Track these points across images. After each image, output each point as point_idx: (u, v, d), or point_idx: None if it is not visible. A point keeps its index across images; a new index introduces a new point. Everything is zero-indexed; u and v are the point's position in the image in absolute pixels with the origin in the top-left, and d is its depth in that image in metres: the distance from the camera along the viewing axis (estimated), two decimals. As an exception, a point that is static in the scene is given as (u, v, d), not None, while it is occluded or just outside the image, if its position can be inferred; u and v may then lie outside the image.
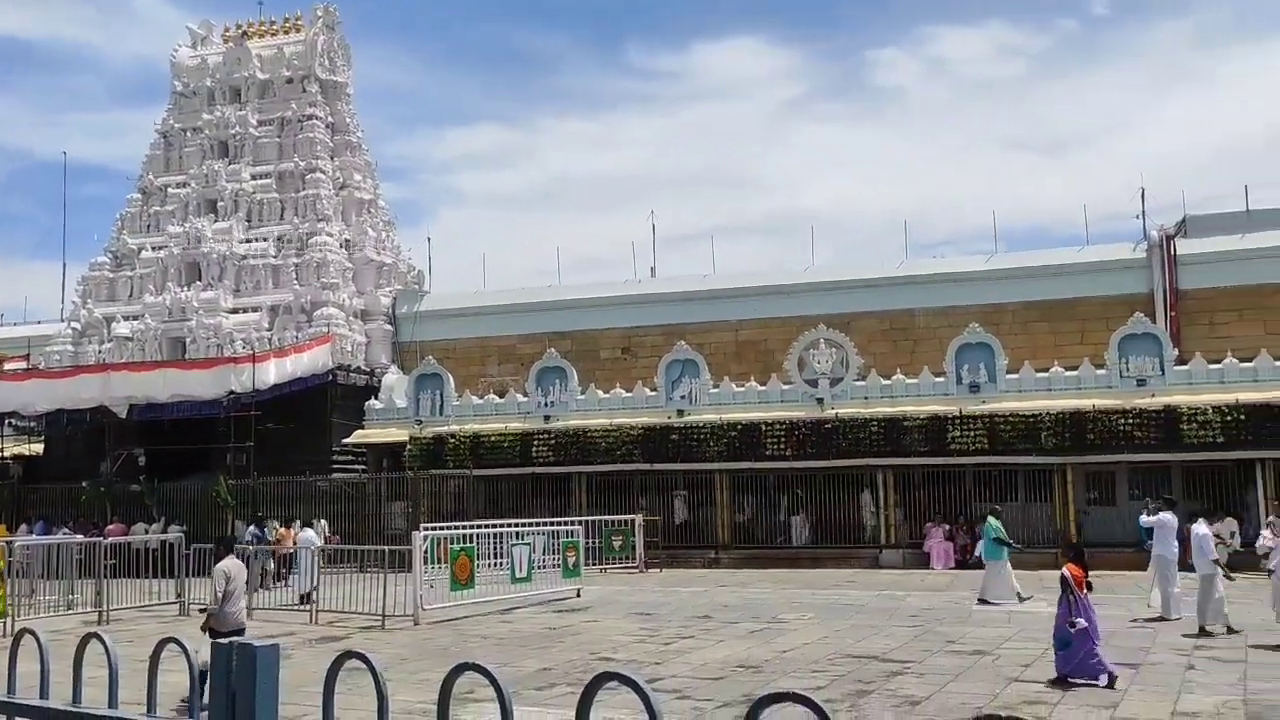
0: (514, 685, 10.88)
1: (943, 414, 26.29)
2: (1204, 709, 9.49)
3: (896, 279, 33.68)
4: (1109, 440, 24.86)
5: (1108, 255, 32.37)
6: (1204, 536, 14.57)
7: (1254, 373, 25.28)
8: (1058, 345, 30.26)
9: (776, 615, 16.82)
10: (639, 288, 36.94)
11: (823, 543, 27.56)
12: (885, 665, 12.01)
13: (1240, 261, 30.33)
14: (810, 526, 27.95)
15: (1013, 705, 9.78)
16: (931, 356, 29.17)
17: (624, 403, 30.17)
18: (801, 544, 27.64)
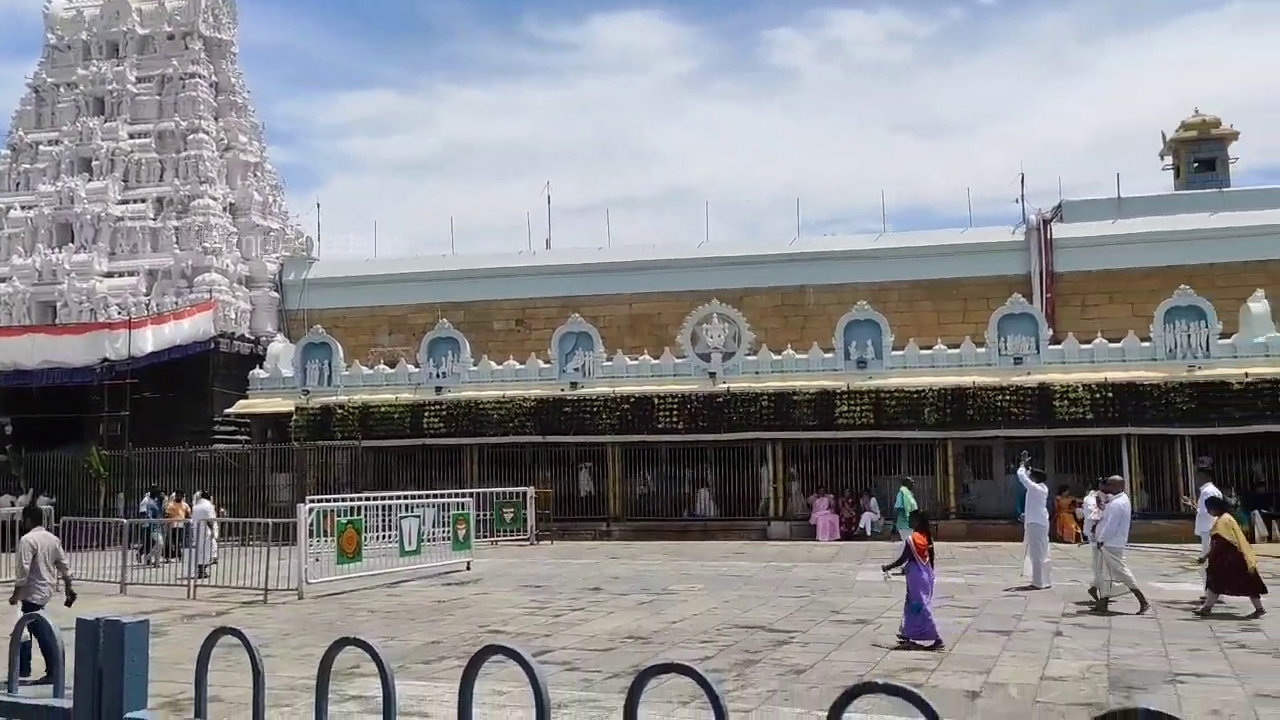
0: (400, 659, 10.79)
1: (831, 389, 26.84)
2: (1070, 673, 9.92)
3: (788, 256, 34.18)
4: (988, 416, 25.75)
5: (989, 238, 33.44)
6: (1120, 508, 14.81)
7: (1122, 353, 26.46)
8: (941, 323, 31.19)
9: (666, 587, 16.99)
10: (534, 259, 36.70)
11: (723, 515, 27.93)
12: (771, 635, 12.24)
13: (1111, 247, 31.68)
14: (715, 499, 28.24)
15: (893, 673, 10.07)
16: (821, 332, 29.73)
17: (517, 375, 29.98)
18: (708, 516, 27.91)
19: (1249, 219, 31.25)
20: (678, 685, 2.25)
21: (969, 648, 11.27)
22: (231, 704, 8.19)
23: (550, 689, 1.86)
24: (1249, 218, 31.30)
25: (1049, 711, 8.41)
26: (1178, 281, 27.51)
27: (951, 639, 11.76)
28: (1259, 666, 10.06)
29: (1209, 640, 11.55)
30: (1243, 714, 8.25)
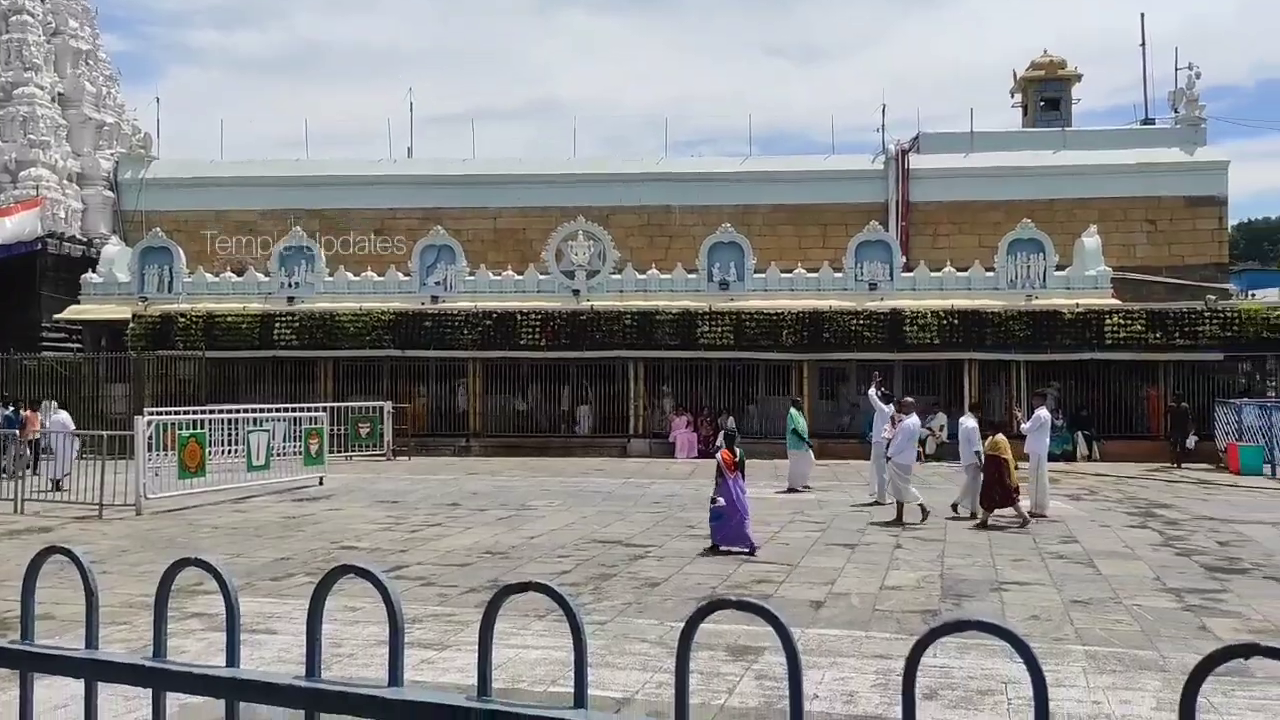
0: (247, 576, 10.55)
1: (694, 310, 27.15)
2: (907, 583, 10.47)
3: (656, 175, 34.16)
4: (842, 339, 26.54)
5: (850, 165, 34.15)
6: (971, 430, 15.60)
7: (968, 281, 27.58)
8: (802, 248, 31.85)
9: (525, 503, 17.07)
10: (394, 168, 35.65)
11: (585, 432, 28.08)
12: (628, 550, 12.47)
13: (963, 179, 32.82)
14: (594, 417, 28.24)
15: (744, 585, 10.42)
16: (686, 253, 29.96)
17: (375, 287, 29.25)
18: (587, 434, 27.95)
19: (1086, 158, 32.78)
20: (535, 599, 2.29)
21: (816, 560, 11.74)
22: (65, 621, 7.88)
23: (405, 604, 1.83)
24: (1087, 157, 32.83)
25: (886, 618, 8.86)
26: (1021, 215, 28.74)
27: (800, 552, 12.23)
28: (1074, 575, 10.81)
29: (1031, 551, 12.33)
30: (1058, 618, 8.87)
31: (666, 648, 7.68)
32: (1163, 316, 25.75)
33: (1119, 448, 25.38)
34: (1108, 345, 25.60)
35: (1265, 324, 25.53)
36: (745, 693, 6.71)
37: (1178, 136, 33.43)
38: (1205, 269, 31.96)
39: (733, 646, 7.64)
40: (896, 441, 15.31)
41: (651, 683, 6.92)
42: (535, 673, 7.12)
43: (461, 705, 1.66)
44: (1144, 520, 15.18)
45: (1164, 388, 26.11)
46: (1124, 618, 8.92)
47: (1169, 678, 7.00)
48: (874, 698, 6.63)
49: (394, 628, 1.74)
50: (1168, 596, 9.83)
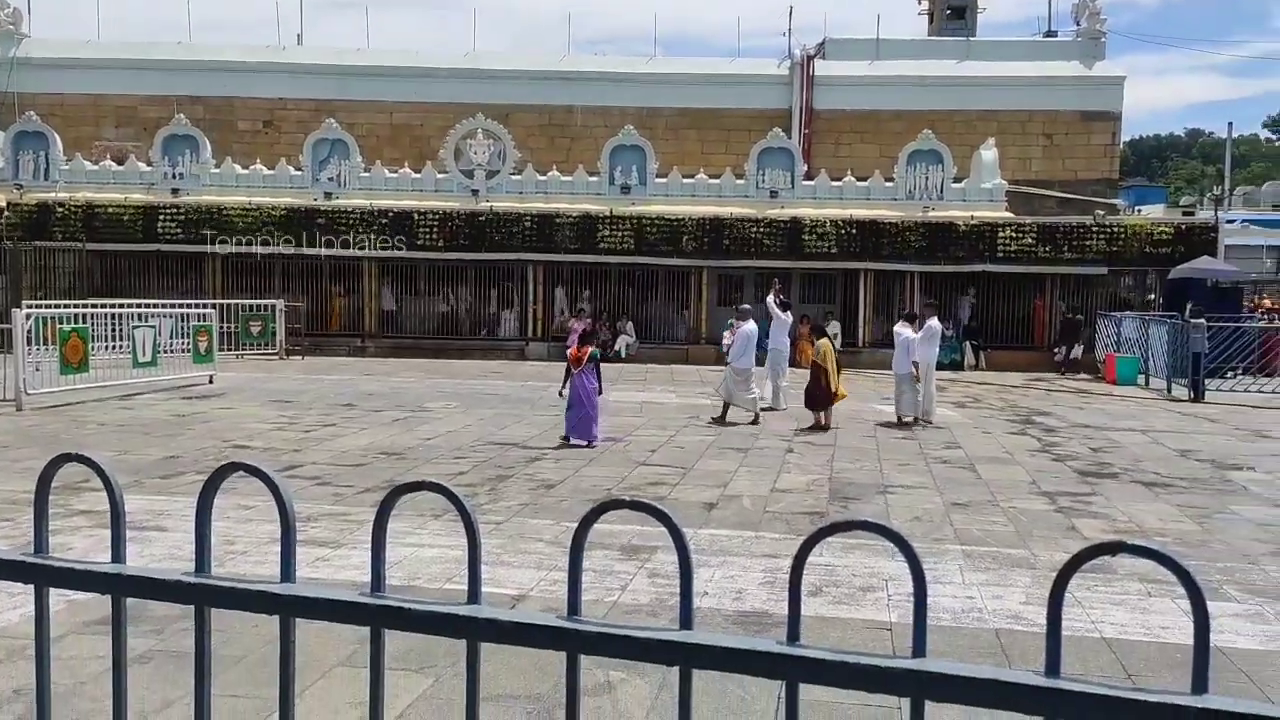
0: (135, 474, 10.30)
1: (595, 213, 26.92)
2: (797, 486, 10.79)
3: (558, 74, 33.42)
4: (742, 247, 26.69)
5: (755, 70, 33.89)
6: (908, 339, 16.00)
7: (868, 191, 27.90)
8: (704, 153, 31.68)
9: (422, 404, 16.96)
10: (284, 55, 34.10)
11: (483, 335, 27.86)
12: (525, 452, 12.54)
13: (866, 88, 32.90)
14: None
15: (638, 487, 10.60)
16: (588, 155, 29.55)
17: (265, 180, 28.20)
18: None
19: (989, 69, 33.13)
20: (433, 499, 2.30)
21: (710, 464, 11.98)
22: (-60, 521, 7.60)
23: (300, 503, 1.80)
24: (989, 68, 33.18)
25: (776, 519, 9.13)
26: (923, 126, 29.01)
27: (694, 456, 12.47)
28: (956, 479, 11.28)
29: (916, 456, 12.81)
30: (939, 519, 9.27)
31: (561, 547, 7.79)
32: (1052, 230, 26.53)
33: (1005, 358, 26.31)
34: (999, 258, 26.31)
35: (1148, 239, 26.53)
36: (637, 590, 6.87)
37: (1078, 50, 33.97)
38: (1096, 184, 32.88)
39: (626, 546, 7.79)
40: (735, 347, 15.97)
41: (546, 580, 7.03)
42: (431, 570, 7.16)
43: (354, 600, 1.66)
44: (1024, 427, 15.86)
45: (1050, 300, 27.04)
46: (1000, 519, 9.36)
47: (1038, 575, 7.40)
48: (762, 594, 6.86)
49: (285, 525, 1.72)
50: (1041, 499, 10.33)
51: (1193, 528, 9.21)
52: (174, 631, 5.64)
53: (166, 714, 4.71)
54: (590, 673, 5.03)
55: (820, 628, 6.04)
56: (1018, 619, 6.46)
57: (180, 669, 5.08)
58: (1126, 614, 6.54)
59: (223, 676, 4.95)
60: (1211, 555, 8.19)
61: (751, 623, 6.31)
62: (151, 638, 5.59)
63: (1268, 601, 6.97)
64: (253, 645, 5.45)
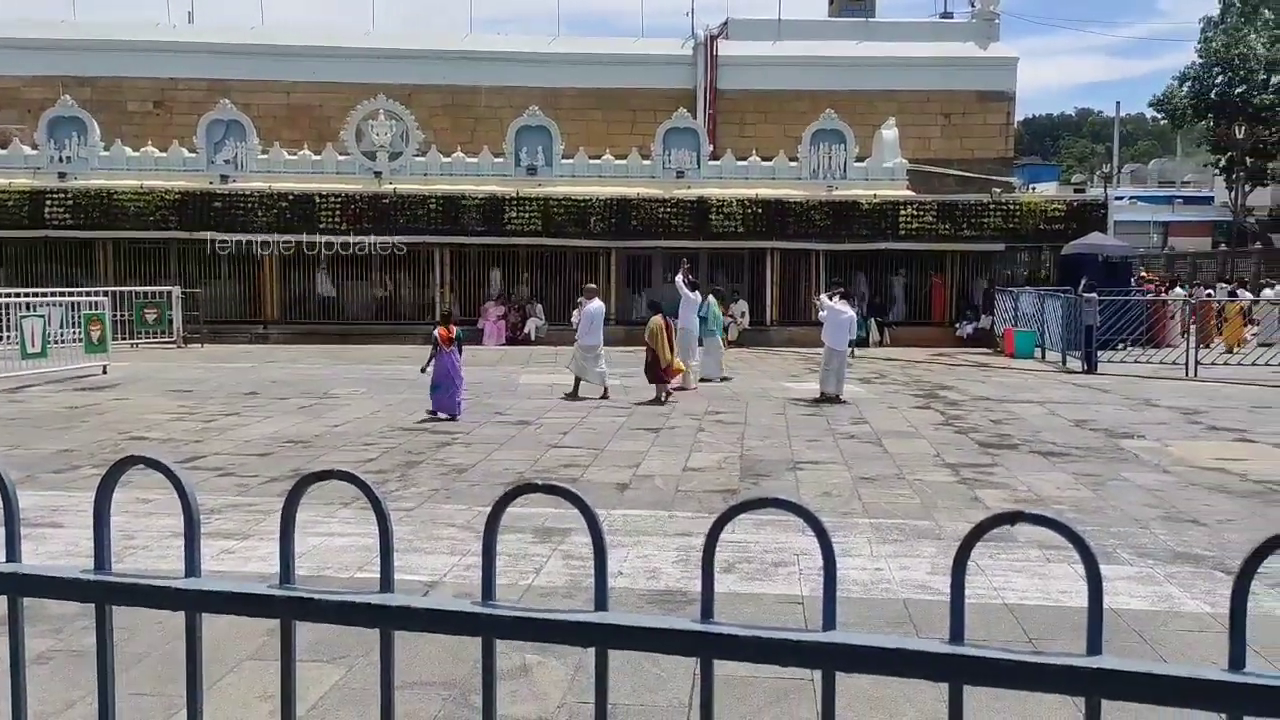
0: (27, 469, 9.92)
1: (501, 195, 26.68)
2: (709, 464, 10.89)
3: (461, 53, 32.99)
4: (650, 227, 26.75)
5: (659, 50, 33.94)
6: (850, 317, 16.53)
7: (773, 171, 28.18)
8: (610, 133, 31.62)
9: (328, 390, 16.65)
10: (175, 34, 32.98)
11: (387, 319, 27.40)
12: (435, 437, 12.41)
13: (770, 68, 33.20)
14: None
15: (551, 469, 10.58)
16: (493, 136, 29.24)
17: (158, 164, 27.26)
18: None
19: (888, 50, 33.72)
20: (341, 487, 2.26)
21: (622, 445, 12.02)
22: None
23: (202, 495, 1.75)
24: (888, 49, 33.77)
25: (689, 498, 9.22)
26: (825, 106, 29.39)
27: (606, 437, 12.50)
28: (863, 454, 11.52)
29: (825, 432, 13.04)
30: (848, 494, 9.46)
31: (474, 532, 7.75)
32: (952, 208, 27.18)
33: (909, 334, 26.92)
34: (901, 236, 26.87)
35: (1043, 216, 27.37)
36: (552, 572, 6.88)
37: (973, 32, 34.77)
38: (993, 162, 33.75)
39: (540, 529, 7.78)
40: (582, 324, 16.46)
41: (460, 565, 6.99)
42: (341, 559, 7.06)
43: (262, 593, 1.63)
44: (928, 401, 16.26)
45: (951, 277, 27.73)
46: (906, 491, 9.60)
47: (944, 545, 7.61)
48: (675, 573, 6.93)
49: (188, 518, 1.68)
50: (946, 471, 10.62)
51: (1088, 495, 9.56)
52: (74, 630, 5.45)
53: (68, 715, 4.56)
54: (506, 656, 5.02)
55: (734, 603, 6.13)
56: (924, 588, 6.64)
57: (81, 668, 4.92)
58: (1027, 580, 6.77)
59: (126, 675, 4.81)
60: (1105, 521, 8.52)
61: (666, 601, 6.36)
62: (50, 637, 5.40)
63: (1158, 564, 7.29)
64: (157, 642, 5.31)
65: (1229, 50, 46.20)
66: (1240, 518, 8.66)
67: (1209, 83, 46.99)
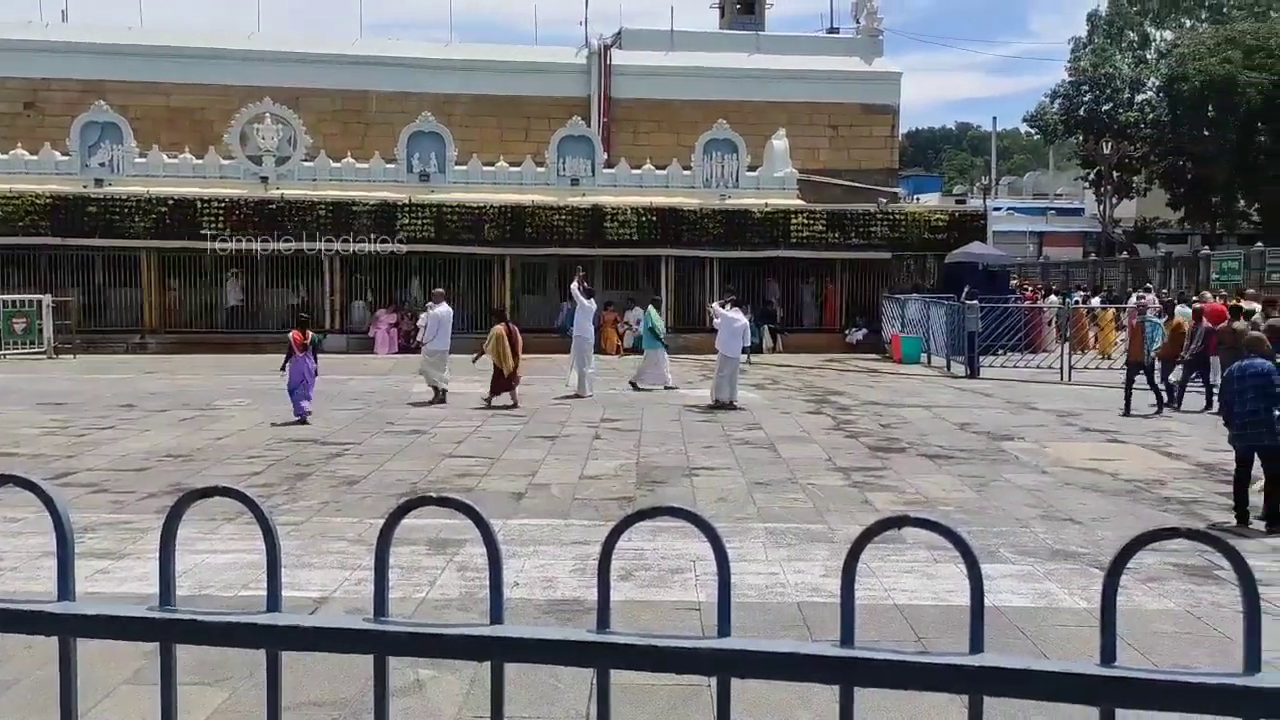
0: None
1: (393, 201, 26.27)
2: (605, 472, 10.90)
3: (351, 57, 32.40)
4: (545, 234, 26.66)
5: (553, 57, 33.90)
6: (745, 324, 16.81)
7: (667, 179, 28.40)
8: (504, 141, 31.42)
9: (211, 402, 16.13)
10: (46, 33, 31.57)
11: (274, 328, 26.66)
12: (325, 448, 12.13)
13: (663, 77, 33.46)
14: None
15: (446, 479, 10.45)
16: (384, 142, 28.77)
17: (28, 166, 26.06)
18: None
19: (777, 62, 34.32)
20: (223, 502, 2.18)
21: (518, 453, 11.94)
22: None
23: (75, 512, 1.68)
24: (777, 61, 34.37)
25: (585, 506, 9.20)
26: (717, 116, 29.76)
27: (502, 446, 12.40)
28: (758, 459, 11.68)
29: (720, 439, 13.18)
30: (743, 499, 9.58)
31: (366, 545, 7.60)
32: (841, 217, 27.79)
33: (800, 340, 27.38)
34: (792, 244, 27.35)
35: (926, 226, 28.21)
36: (447, 584, 6.79)
37: (858, 47, 35.64)
38: (879, 173, 34.62)
39: (434, 540, 7.68)
40: (428, 329, 16.60)
41: (351, 580, 6.84)
42: (224, 578, 6.84)
43: (141, 615, 1.56)
44: (819, 406, 16.58)
45: (840, 285, 28.33)
46: (800, 496, 9.76)
47: (836, 548, 7.76)
48: (572, 582, 6.91)
49: (61, 537, 1.60)
50: (837, 475, 10.84)
51: (971, 496, 9.87)
52: (-66, 660, 5.16)
53: (-73, 751, 4.31)
54: (399, 672, 4.93)
55: (632, 611, 6.14)
56: (818, 591, 6.76)
57: (-58, 700, 4.66)
58: (916, 581, 6.95)
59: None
60: (988, 521, 8.81)
61: (563, 611, 6.34)
62: (-93, 669, 5.10)
63: (1038, 561, 7.57)
64: (27, 668, 5.06)
65: (1096, 70, 48.34)
66: (1112, 515, 9.05)
67: (1078, 100, 49.08)
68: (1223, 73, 40.18)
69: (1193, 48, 43.25)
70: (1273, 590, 6.79)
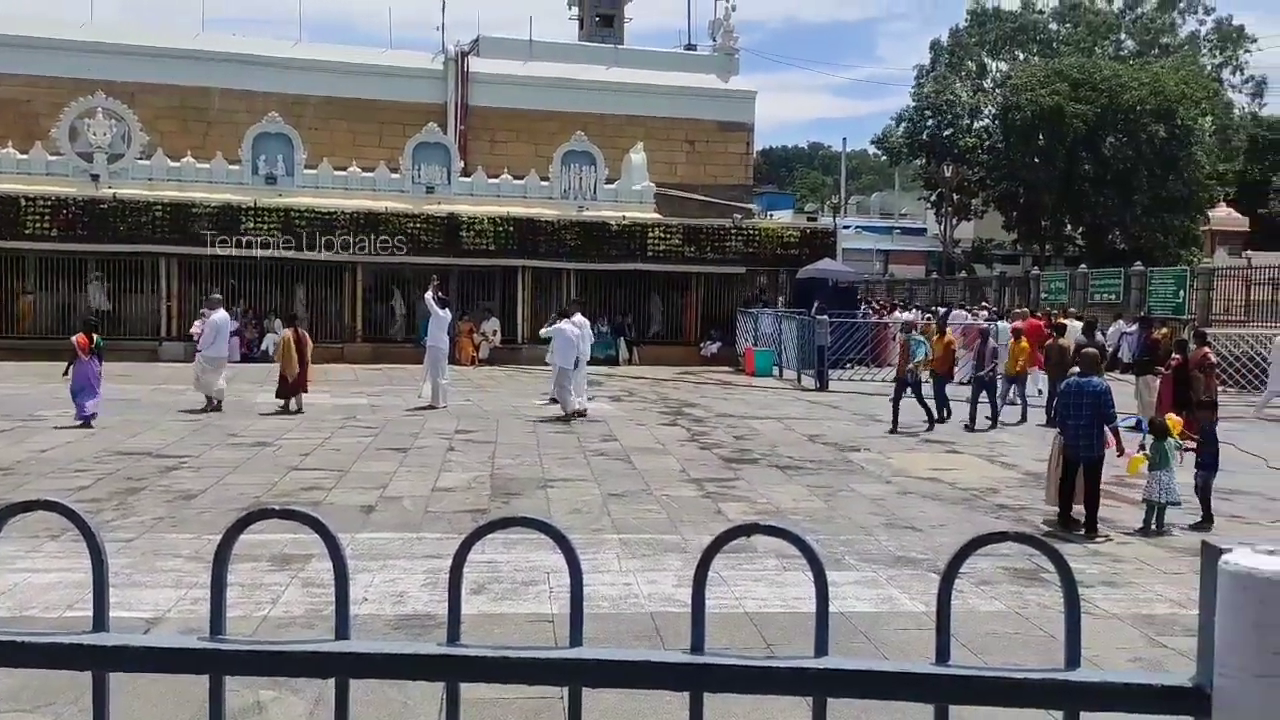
0: None
1: (237, 204, 25.32)
2: (459, 484, 10.75)
3: (192, 52, 31.14)
4: (398, 242, 26.14)
5: (409, 62, 33.38)
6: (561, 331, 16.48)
7: (524, 189, 28.32)
8: (357, 145, 30.73)
9: (34, 413, 15.18)
10: None
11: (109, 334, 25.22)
12: (160, 461, 11.58)
13: (521, 87, 33.34)
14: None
15: (291, 493, 10.11)
16: (228, 142, 27.74)
17: None
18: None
19: (636, 77, 34.68)
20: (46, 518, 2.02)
21: (368, 465, 11.66)
22: None
23: None
24: (636, 76, 34.74)
25: (438, 519, 9.05)
26: (575, 127, 29.86)
27: (351, 458, 12.09)
28: (613, 470, 11.72)
29: (576, 450, 13.17)
30: (597, 510, 9.60)
31: (203, 562, 7.27)
32: (697, 231, 28.23)
33: (656, 352, 27.65)
34: (649, 257, 27.62)
35: (779, 242, 28.95)
36: (290, 601, 6.57)
37: (715, 64, 36.32)
38: (734, 189, 35.32)
39: (278, 556, 7.42)
40: (205, 336, 16.40)
41: (186, 599, 6.55)
42: (48, 598, 6.45)
43: (-52, 643, 1.45)
44: (675, 418, 16.76)
45: (696, 298, 28.76)
46: (654, 507, 9.85)
47: (689, 558, 7.85)
48: (424, 596, 6.78)
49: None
50: (691, 486, 10.98)
51: (820, 505, 10.15)
52: None
53: None
54: (238, 694, 4.74)
55: (484, 625, 6.06)
56: (671, 601, 6.82)
57: None
58: (766, 589, 7.10)
59: None
60: (835, 529, 9.07)
61: (414, 626, 6.21)
62: None
63: (881, 568, 7.84)
64: None
65: (938, 96, 50.62)
66: (950, 523, 9.46)
67: (921, 125, 51.27)
68: (1051, 104, 42.67)
69: (1025, 79, 45.83)
70: (1093, 592, 7.22)
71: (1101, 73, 44.42)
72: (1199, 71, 49.63)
